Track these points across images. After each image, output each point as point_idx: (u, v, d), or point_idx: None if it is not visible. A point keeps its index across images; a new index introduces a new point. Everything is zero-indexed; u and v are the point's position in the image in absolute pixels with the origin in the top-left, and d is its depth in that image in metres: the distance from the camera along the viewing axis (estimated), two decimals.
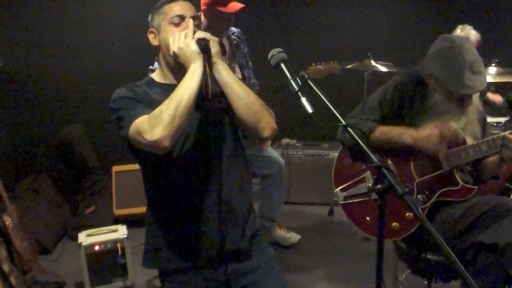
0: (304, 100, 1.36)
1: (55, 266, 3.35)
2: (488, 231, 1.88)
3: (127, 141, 1.60)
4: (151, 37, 1.70)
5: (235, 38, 3.19)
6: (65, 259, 3.46)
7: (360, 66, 3.60)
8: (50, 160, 4.30)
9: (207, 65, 1.57)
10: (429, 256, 2.03)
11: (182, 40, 1.56)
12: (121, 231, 3.03)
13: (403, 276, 2.61)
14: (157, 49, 1.71)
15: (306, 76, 1.40)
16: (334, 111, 1.33)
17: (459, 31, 3.77)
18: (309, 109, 1.34)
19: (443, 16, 4.77)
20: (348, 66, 3.51)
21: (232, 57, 3.18)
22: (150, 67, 2.86)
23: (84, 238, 2.95)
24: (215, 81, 1.62)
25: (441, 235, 1.95)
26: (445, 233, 1.98)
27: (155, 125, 1.45)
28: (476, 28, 3.79)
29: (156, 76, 1.74)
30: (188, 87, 1.50)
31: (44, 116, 4.29)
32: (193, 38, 1.56)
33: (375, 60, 3.60)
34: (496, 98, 3.92)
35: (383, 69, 3.55)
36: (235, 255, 1.70)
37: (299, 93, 1.38)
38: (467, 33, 3.72)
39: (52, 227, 3.70)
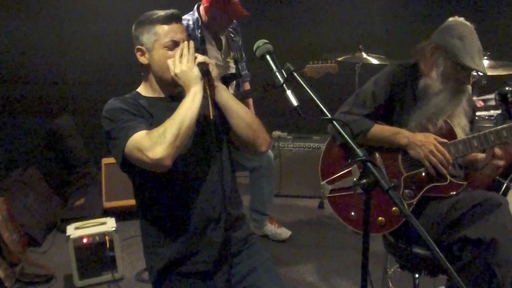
0: (289, 93, 1.33)
1: (44, 258, 3.32)
2: (473, 226, 1.87)
3: (120, 155, 1.56)
4: (138, 54, 1.70)
5: (231, 30, 3.15)
6: (54, 251, 3.43)
7: (351, 58, 3.59)
8: (39, 152, 4.27)
9: (207, 87, 1.61)
10: (416, 250, 2.02)
11: (184, 63, 1.59)
12: (110, 223, 3.01)
13: (392, 270, 2.61)
14: (144, 66, 1.71)
15: (292, 68, 1.37)
16: (320, 105, 1.29)
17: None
18: (294, 102, 1.32)
19: (435, 9, 4.76)
20: (340, 59, 3.49)
21: (227, 52, 3.15)
22: None
23: (73, 230, 2.93)
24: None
25: (428, 229, 1.95)
26: (432, 227, 1.97)
27: (158, 143, 1.47)
28: (468, 20, 3.77)
29: (142, 90, 1.76)
30: (190, 109, 1.54)
31: (33, 108, 4.25)
32: (195, 62, 1.61)
33: (367, 53, 3.60)
34: (478, 102, 3.89)
35: (375, 61, 3.55)
36: (233, 258, 1.73)
37: (284, 86, 1.35)
38: None
39: (41, 220, 3.67)
